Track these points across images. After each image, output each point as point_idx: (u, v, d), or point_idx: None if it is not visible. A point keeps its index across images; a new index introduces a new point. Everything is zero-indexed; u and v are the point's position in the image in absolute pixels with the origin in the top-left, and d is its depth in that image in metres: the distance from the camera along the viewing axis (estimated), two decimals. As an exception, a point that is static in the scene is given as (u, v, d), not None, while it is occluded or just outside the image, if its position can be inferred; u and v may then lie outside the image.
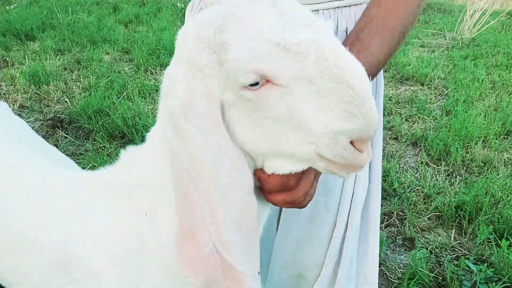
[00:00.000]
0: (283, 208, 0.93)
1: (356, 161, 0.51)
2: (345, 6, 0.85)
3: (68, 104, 3.04)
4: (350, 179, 0.91)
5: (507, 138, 2.83)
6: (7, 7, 6.24)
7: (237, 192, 0.52)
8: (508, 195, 2.10)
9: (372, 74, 0.67)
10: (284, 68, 0.47)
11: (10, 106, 3.01)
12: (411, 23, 0.72)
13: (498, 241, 1.78)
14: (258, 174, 0.57)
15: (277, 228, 0.97)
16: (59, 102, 3.07)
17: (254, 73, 0.47)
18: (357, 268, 1.00)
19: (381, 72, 0.90)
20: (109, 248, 0.64)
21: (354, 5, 0.86)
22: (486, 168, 2.45)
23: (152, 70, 3.73)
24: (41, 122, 2.82)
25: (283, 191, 0.57)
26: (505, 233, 1.83)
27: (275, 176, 0.56)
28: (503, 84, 3.81)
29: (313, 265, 0.97)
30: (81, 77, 3.51)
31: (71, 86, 3.33)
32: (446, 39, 5.59)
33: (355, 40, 0.68)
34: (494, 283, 1.57)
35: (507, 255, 1.66)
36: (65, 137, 2.63)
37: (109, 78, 3.37)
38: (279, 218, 0.96)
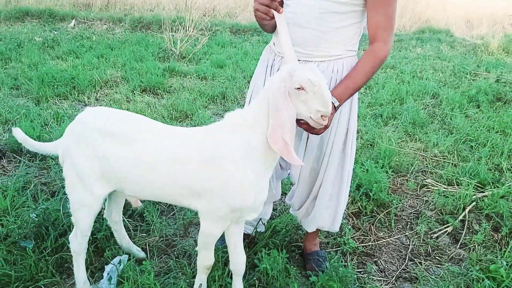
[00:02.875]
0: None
1: (322, 122, 1.48)
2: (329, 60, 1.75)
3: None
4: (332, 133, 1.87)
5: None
6: None
7: (292, 122, 1.41)
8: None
9: (356, 90, 1.67)
10: (308, 87, 1.42)
11: None
12: (376, 70, 1.68)
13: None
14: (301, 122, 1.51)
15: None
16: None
17: (299, 85, 1.42)
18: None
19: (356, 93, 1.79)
20: (237, 148, 1.50)
21: (335, 59, 1.75)
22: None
23: (52, 101, 4.21)
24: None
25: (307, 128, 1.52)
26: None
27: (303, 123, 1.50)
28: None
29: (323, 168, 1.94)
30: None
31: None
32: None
33: (350, 73, 1.67)
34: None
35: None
36: None
37: (23, 111, 3.76)
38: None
